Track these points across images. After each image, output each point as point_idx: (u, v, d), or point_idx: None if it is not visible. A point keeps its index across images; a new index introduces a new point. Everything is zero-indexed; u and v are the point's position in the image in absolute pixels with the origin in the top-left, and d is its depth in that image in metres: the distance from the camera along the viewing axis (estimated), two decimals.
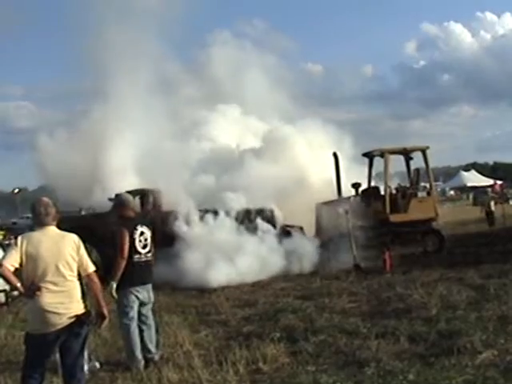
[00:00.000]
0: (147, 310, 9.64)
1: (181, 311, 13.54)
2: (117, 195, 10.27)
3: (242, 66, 29.22)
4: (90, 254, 6.96)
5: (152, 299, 9.73)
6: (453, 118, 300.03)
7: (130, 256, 9.42)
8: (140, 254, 9.48)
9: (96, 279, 6.89)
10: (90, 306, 6.93)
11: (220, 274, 17.67)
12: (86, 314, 6.75)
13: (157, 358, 9.43)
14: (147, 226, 9.75)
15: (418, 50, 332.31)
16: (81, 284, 6.84)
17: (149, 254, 9.61)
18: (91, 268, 6.87)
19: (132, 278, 9.40)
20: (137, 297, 9.44)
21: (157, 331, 10.05)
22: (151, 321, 9.68)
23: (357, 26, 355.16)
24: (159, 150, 22.65)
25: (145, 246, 9.56)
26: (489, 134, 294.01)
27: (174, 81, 27.26)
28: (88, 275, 6.84)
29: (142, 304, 9.53)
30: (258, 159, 23.33)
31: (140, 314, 9.55)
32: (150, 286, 9.68)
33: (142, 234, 9.56)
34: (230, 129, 25.87)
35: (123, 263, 9.39)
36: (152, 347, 9.50)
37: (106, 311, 6.89)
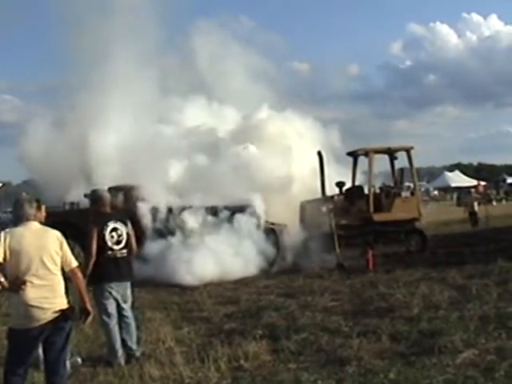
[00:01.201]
0: (126, 308, 9.60)
1: (163, 308, 13.56)
2: (93, 191, 10.21)
3: (226, 60, 29.08)
4: (72, 250, 6.96)
5: (129, 297, 9.68)
6: (438, 118, 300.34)
7: (102, 252, 9.39)
8: (112, 250, 9.43)
9: (79, 274, 6.91)
10: (73, 301, 6.92)
11: (202, 271, 17.69)
12: (70, 308, 6.74)
13: (138, 354, 9.41)
14: (122, 221, 9.65)
15: (403, 50, 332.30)
16: (64, 280, 6.84)
17: (124, 251, 9.53)
18: (74, 263, 6.88)
19: (105, 274, 9.40)
20: (110, 293, 9.42)
21: (138, 328, 10.04)
22: (130, 318, 9.62)
23: (343, 25, 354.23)
24: (142, 141, 22.58)
25: (118, 242, 9.48)
26: (473, 135, 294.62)
27: (156, 69, 26.97)
28: (71, 270, 6.84)
29: (120, 301, 9.52)
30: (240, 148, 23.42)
31: (119, 311, 9.55)
32: (127, 284, 9.62)
33: (114, 229, 9.47)
34: (210, 120, 25.78)
35: (90, 260, 9.41)
36: (132, 344, 9.47)
37: (89, 307, 6.89)
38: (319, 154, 20.65)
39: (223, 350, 9.39)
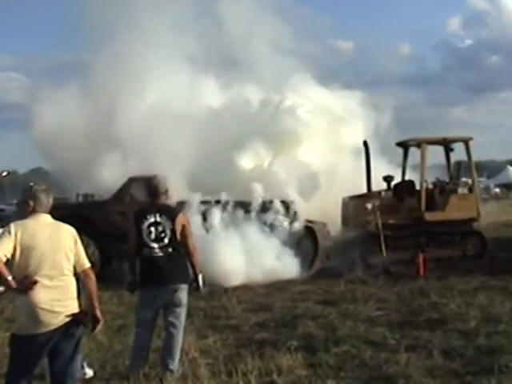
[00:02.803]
0: (171, 316, 9.40)
1: (187, 314, 13.59)
2: (149, 178, 10.06)
3: (259, 36, 28.90)
4: (86, 248, 6.95)
5: (180, 303, 9.42)
6: (500, 105, 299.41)
7: (139, 251, 9.39)
8: (150, 248, 9.32)
9: (92, 275, 6.87)
10: (85, 305, 6.90)
11: (231, 274, 17.70)
12: (83, 313, 6.72)
13: (171, 372, 9.11)
14: (167, 215, 9.43)
15: (463, 28, 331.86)
16: (76, 281, 6.82)
17: (168, 249, 9.33)
18: (87, 264, 6.85)
19: (140, 276, 9.42)
20: (146, 299, 9.41)
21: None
22: (174, 329, 9.38)
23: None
24: (161, 127, 22.63)
25: (158, 239, 9.29)
26: None
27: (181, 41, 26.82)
28: (84, 271, 6.81)
29: (162, 308, 9.51)
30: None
31: (164, 318, 9.52)
32: (174, 287, 9.33)
33: (153, 224, 9.30)
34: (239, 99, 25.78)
35: (129, 260, 9.55)
36: (169, 359, 9.23)
37: (99, 313, 6.84)
38: (365, 143, 20.55)
39: (253, 363, 9.34)
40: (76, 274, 6.78)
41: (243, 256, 18.22)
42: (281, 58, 28.70)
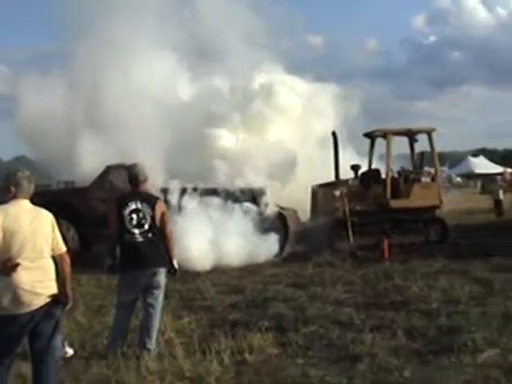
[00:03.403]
0: (150, 298, 9.42)
1: (164, 295, 13.59)
2: (130, 165, 10.01)
3: (230, 30, 28.77)
4: (63, 232, 6.93)
5: (158, 286, 9.43)
6: (462, 99, 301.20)
7: (120, 236, 9.35)
8: (132, 233, 9.29)
9: (68, 259, 6.89)
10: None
11: (205, 257, 17.72)
12: (61, 293, 6.73)
13: (148, 351, 9.12)
14: (148, 202, 9.41)
15: (427, 25, 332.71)
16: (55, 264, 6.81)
17: (148, 235, 9.31)
18: (63, 248, 6.87)
19: (121, 260, 9.38)
20: (126, 282, 9.43)
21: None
22: (152, 310, 9.39)
23: None
24: (137, 114, 22.54)
25: (139, 225, 9.27)
26: (500, 119, 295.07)
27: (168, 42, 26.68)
28: (60, 255, 6.83)
29: (141, 291, 9.47)
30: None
31: (143, 300, 9.53)
32: (153, 271, 9.33)
33: (134, 211, 9.27)
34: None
35: (110, 244, 9.53)
36: (147, 338, 9.26)
37: (69, 291, 6.87)
38: (333, 134, 20.63)
39: (226, 343, 9.36)
40: (54, 257, 6.78)
41: (217, 240, 18.23)
42: (253, 51, 28.67)
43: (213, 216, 18.78)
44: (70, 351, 9.29)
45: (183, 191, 19.12)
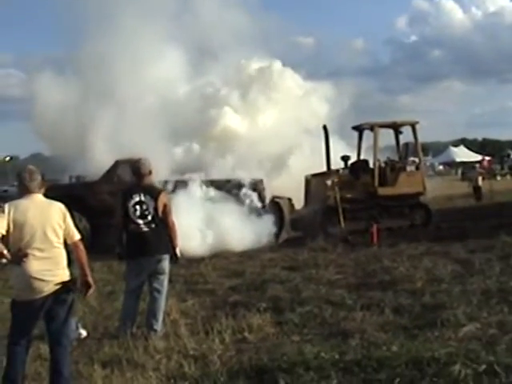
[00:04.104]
0: (155, 283, 9.46)
1: (168, 280, 13.59)
2: (135, 161, 10.00)
3: (225, 32, 28.71)
4: (76, 223, 6.93)
5: (163, 272, 9.49)
6: (442, 93, 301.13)
7: (126, 226, 9.39)
8: (136, 224, 9.32)
9: (82, 247, 6.87)
10: (76, 274, 6.90)
11: (207, 244, 17.77)
12: (72, 281, 6.73)
13: (156, 332, 9.18)
14: (150, 195, 9.41)
15: (409, 25, 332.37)
16: (67, 252, 6.82)
17: (152, 225, 9.33)
18: (77, 236, 6.86)
19: (128, 249, 9.47)
20: (133, 269, 9.50)
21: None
22: (158, 294, 9.45)
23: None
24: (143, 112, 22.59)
25: (143, 216, 9.30)
26: (478, 111, 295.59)
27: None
28: (74, 243, 6.82)
29: (147, 277, 9.50)
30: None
31: (149, 285, 9.56)
32: (157, 258, 9.38)
33: (138, 203, 9.30)
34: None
35: (117, 234, 9.61)
36: (153, 320, 9.31)
37: (90, 280, 6.86)
38: (324, 127, 20.64)
39: (227, 323, 9.39)
40: (67, 246, 6.79)
41: (218, 228, 18.27)
42: (248, 49, 28.70)
43: (212, 205, 18.81)
44: (83, 333, 9.32)
45: (183, 183, 19.12)
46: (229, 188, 19.63)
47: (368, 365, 6.86)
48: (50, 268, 6.55)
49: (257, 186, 20.16)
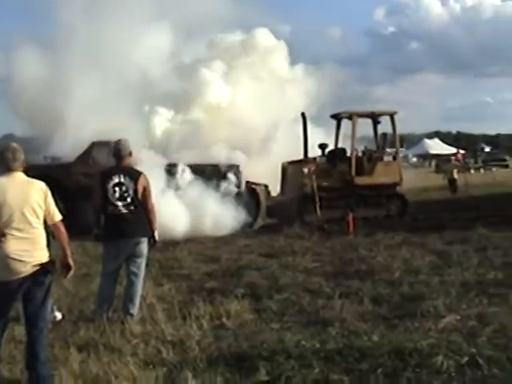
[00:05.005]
0: (133, 266, 9.35)
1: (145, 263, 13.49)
2: (115, 142, 9.84)
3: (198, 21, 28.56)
4: (57, 203, 6.78)
5: (141, 254, 9.38)
6: (418, 85, 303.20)
7: (104, 208, 9.26)
8: (115, 205, 9.19)
9: (62, 228, 6.73)
10: (55, 255, 6.77)
11: (182, 228, 17.70)
12: (51, 262, 6.59)
13: (131, 315, 9.04)
14: (130, 176, 9.29)
15: (387, 17, 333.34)
16: (47, 233, 6.68)
17: (130, 207, 9.21)
18: (58, 217, 6.71)
19: (106, 231, 9.35)
20: (110, 251, 9.39)
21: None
22: (135, 277, 9.33)
23: None
24: (125, 89, 22.42)
25: (122, 198, 9.17)
26: (453, 104, 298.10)
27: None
28: (54, 224, 6.67)
29: (125, 259, 9.39)
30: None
31: (126, 268, 9.45)
32: (135, 240, 9.28)
33: (118, 184, 9.16)
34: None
35: (95, 215, 9.50)
36: (129, 303, 9.19)
37: (71, 261, 6.74)
38: (303, 114, 20.68)
39: (205, 308, 9.31)
40: (47, 226, 6.64)
41: (193, 213, 18.22)
42: (226, 39, 28.59)
43: (189, 191, 18.75)
44: (58, 315, 9.19)
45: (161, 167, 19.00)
46: (206, 172, 19.51)
47: (350, 354, 6.80)
48: (27, 248, 6.40)
49: (233, 172, 20.08)
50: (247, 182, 20.61)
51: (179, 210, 18.05)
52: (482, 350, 6.80)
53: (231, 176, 19.95)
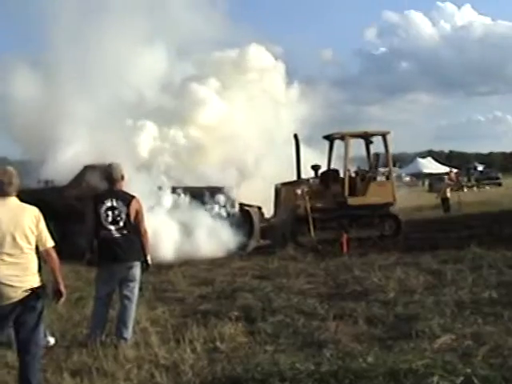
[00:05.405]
0: (126, 290, 9.31)
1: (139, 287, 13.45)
2: (108, 165, 9.84)
3: (201, 36, 28.60)
4: (49, 227, 6.76)
5: (134, 279, 9.36)
6: (410, 105, 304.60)
7: (98, 232, 9.23)
8: (108, 230, 9.16)
9: (54, 254, 6.71)
10: (46, 280, 6.74)
11: (176, 251, 17.70)
12: (42, 287, 6.57)
13: (125, 340, 9.03)
14: (123, 200, 9.27)
15: (378, 37, 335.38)
16: (38, 258, 6.66)
17: (123, 231, 9.18)
18: (50, 243, 6.68)
19: (100, 255, 9.30)
20: (103, 275, 9.36)
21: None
22: (128, 302, 9.30)
23: (318, 8, 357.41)
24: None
25: (115, 222, 9.15)
26: (445, 123, 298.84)
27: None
28: (46, 250, 6.65)
29: (118, 283, 9.36)
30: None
31: (120, 292, 9.40)
32: (129, 265, 9.26)
33: (110, 208, 9.14)
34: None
35: (87, 239, 9.51)
36: (123, 328, 9.16)
37: (62, 288, 6.73)
38: (295, 136, 20.72)
39: (198, 331, 9.29)
40: (38, 251, 6.62)
41: (188, 236, 18.23)
42: (219, 57, 28.64)
43: (187, 213, 18.77)
44: (51, 340, 9.15)
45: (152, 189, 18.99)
46: (199, 195, 19.52)
47: (345, 376, 6.76)
48: (18, 274, 6.37)
49: (227, 194, 20.11)
50: (240, 204, 20.61)
51: (169, 232, 18.04)
52: (477, 369, 6.77)
53: (225, 198, 19.96)
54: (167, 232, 17.89)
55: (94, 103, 22.63)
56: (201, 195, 19.61)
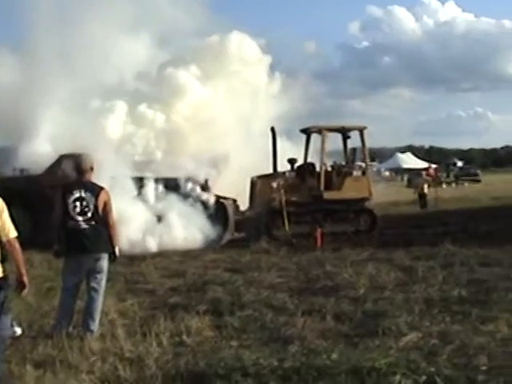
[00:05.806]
0: (93, 282, 9.27)
1: (109, 278, 13.34)
2: (77, 155, 9.80)
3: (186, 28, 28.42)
4: (14, 219, 6.71)
5: (101, 271, 9.32)
6: (391, 100, 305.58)
7: (65, 223, 9.19)
8: (75, 220, 9.13)
9: (17, 245, 6.64)
10: (10, 271, 6.69)
11: (149, 243, 17.69)
12: (3, 278, 6.51)
13: (91, 332, 8.98)
14: (91, 191, 9.22)
15: (361, 31, 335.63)
16: (2, 248, 6.60)
17: (91, 222, 9.14)
18: (13, 233, 6.61)
19: (66, 246, 9.27)
20: (70, 266, 9.32)
21: None
22: (95, 293, 9.26)
23: (303, 0, 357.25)
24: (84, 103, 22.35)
25: (83, 213, 9.11)
26: (425, 118, 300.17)
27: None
28: (9, 241, 6.57)
29: (85, 275, 9.32)
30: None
31: (86, 284, 9.37)
32: (96, 256, 9.23)
33: (78, 199, 9.10)
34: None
35: (54, 230, 9.41)
36: (89, 320, 9.12)
37: (25, 279, 6.64)
38: (272, 129, 20.69)
39: (166, 325, 9.27)
40: (1, 242, 6.57)
41: (160, 227, 18.20)
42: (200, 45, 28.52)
43: (156, 204, 18.73)
44: (18, 331, 9.08)
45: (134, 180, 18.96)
46: (174, 186, 19.49)
47: (307, 373, 6.78)
48: None
49: (202, 186, 20.07)
50: (216, 196, 20.57)
51: (146, 225, 18.02)
52: (441, 368, 6.80)
53: (200, 190, 19.93)
54: (139, 222, 17.88)
55: (72, 89, 22.48)
56: (175, 186, 19.57)
